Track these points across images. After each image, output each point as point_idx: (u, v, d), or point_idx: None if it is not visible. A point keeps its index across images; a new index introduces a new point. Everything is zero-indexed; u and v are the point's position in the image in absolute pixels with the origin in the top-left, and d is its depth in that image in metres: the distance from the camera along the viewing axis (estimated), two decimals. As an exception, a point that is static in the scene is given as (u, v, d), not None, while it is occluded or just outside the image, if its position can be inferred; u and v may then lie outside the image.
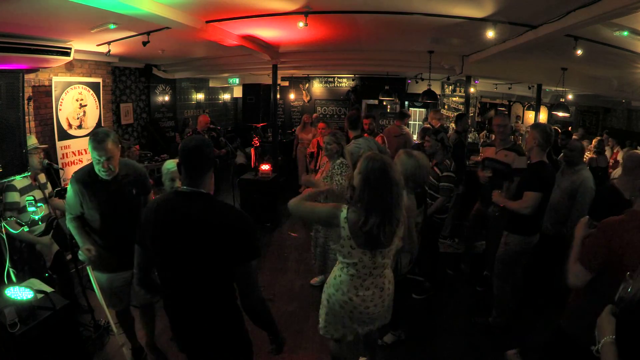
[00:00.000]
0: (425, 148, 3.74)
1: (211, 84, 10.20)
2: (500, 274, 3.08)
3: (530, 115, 10.88)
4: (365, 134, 4.56)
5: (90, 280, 2.86)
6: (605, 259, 1.61)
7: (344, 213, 1.86)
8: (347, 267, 1.95)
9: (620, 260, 1.54)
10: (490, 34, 3.70)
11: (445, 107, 9.46)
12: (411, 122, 9.88)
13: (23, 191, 2.88)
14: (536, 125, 3.00)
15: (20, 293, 2.14)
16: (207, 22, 4.04)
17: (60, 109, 4.95)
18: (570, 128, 8.56)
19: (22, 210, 2.84)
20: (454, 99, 8.92)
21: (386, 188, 1.80)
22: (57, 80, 4.91)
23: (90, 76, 5.58)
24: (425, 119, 9.91)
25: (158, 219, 1.53)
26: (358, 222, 1.81)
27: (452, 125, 8.67)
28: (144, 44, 4.39)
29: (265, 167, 5.38)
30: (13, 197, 2.80)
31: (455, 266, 4.33)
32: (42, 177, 3.20)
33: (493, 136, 5.43)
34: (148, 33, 4.27)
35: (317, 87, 10.28)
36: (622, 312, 1.17)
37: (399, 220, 1.89)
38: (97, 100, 5.54)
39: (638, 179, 2.47)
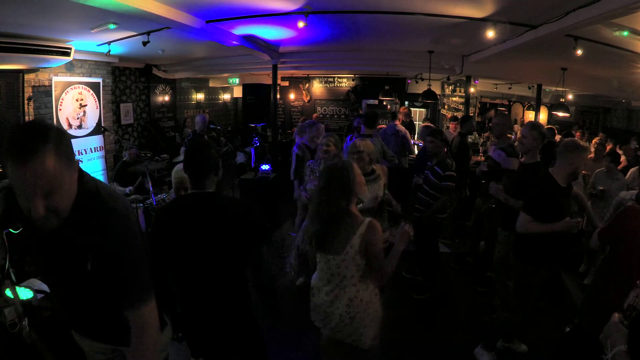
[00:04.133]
0: (427, 148, 3.68)
1: (211, 84, 10.19)
2: (500, 274, 3.07)
3: (530, 115, 10.88)
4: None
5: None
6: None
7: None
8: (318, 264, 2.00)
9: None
10: (490, 34, 3.70)
11: (445, 107, 9.46)
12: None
13: None
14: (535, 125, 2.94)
15: (20, 293, 2.13)
16: (207, 22, 4.04)
17: (60, 109, 4.95)
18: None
19: None
20: (454, 99, 8.92)
21: (334, 195, 1.82)
22: (57, 80, 4.91)
23: (90, 76, 5.57)
24: (426, 119, 9.92)
25: (173, 226, 1.58)
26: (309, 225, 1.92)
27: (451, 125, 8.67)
28: (144, 44, 4.40)
29: (265, 167, 5.38)
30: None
31: (460, 260, 4.35)
32: None
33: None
34: (148, 33, 4.28)
35: (317, 87, 10.27)
36: (635, 321, 1.15)
37: (350, 229, 1.81)
38: (97, 100, 5.54)
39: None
